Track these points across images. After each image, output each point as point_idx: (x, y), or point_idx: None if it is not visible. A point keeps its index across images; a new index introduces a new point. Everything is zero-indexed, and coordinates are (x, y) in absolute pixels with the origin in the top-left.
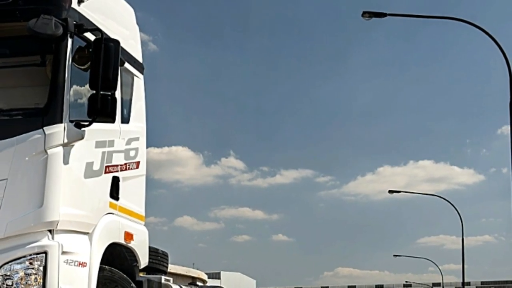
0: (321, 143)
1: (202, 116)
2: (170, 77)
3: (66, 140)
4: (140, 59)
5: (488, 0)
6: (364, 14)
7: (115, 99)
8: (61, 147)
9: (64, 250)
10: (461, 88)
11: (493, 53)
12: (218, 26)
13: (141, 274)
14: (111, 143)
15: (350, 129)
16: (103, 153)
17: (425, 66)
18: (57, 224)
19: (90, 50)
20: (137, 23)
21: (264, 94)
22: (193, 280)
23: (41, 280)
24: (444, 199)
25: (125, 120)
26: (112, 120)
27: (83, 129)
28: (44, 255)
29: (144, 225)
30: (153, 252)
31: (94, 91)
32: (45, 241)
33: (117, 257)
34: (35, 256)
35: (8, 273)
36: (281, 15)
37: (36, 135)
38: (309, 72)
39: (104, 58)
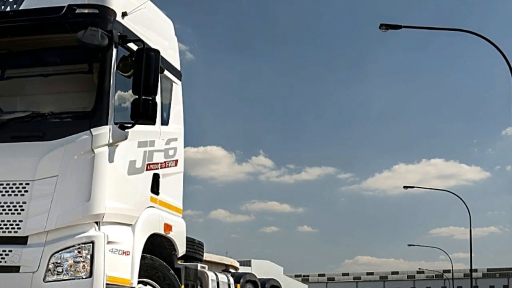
0: (342, 143)
1: (234, 119)
2: (206, 83)
3: (111, 141)
4: (178, 67)
5: (493, 13)
6: (381, 26)
7: (155, 103)
8: (106, 147)
9: (109, 240)
10: (468, 93)
11: (497, 61)
12: (249, 37)
13: (179, 262)
14: (152, 143)
15: (368, 130)
16: (145, 152)
17: (436, 73)
18: (103, 217)
19: (133, 59)
20: (176, 34)
21: (290, 98)
22: (226, 267)
23: (89, 268)
24: (454, 194)
25: (165, 122)
26: (153, 122)
27: (126, 130)
28: (91, 244)
29: (182, 217)
30: (190, 242)
31: (137, 96)
32: (92, 232)
33: (157, 246)
34: (83, 245)
35: (59, 261)
36: (306, 27)
37: (84, 136)
38: (331, 79)
39: (145, 66)
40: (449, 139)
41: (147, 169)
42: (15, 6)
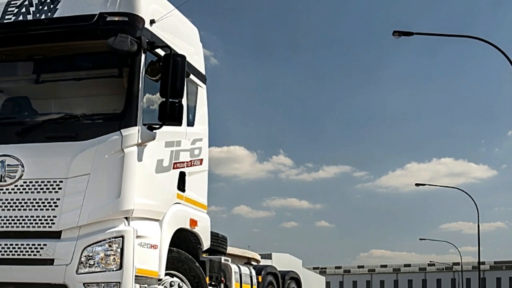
0: (358, 143)
1: (256, 120)
2: (229, 87)
3: (140, 141)
4: (203, 72)
5: (499, 20)
6: (394, 33)
7: (182, 106)
8: (135, 147)
9: (138, 234)
10: (476, 96)
11: (503, 66)
12: (270, 43)
13: (204, 255)
14: (179, 143)
15: (382, 131)
16: (172, 151)
17: (446, 77)
18: (132, 212)
19: (161, 64)
20: (201, 41)
21: (309, 101)
22: (248, 260)
23: (119, 260)
24: (463, 191)
25: (190, 123)
26: (179, 123)
27: (154, 131)
28: (121, 239)
29: (206, 213)
30: (214, 236)
31: (164, 99)
32: (122, 227)
33: (183, 240)
34: (113, 239)
35: (91, 254)
36: (324, 34)
37: (114, 136)
38: (347, 82)
39: (172, 70)
40: (458, 140)
41: (173, 168)
42: (49, 14)
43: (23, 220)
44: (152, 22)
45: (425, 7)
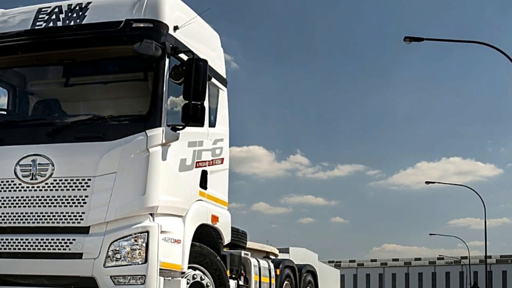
0: (371, 143)
1: (274, 121)
2: (249, 90)
3: (164, 141)
4: (224, 75)
5: (505, 27)
6: (406, 39)
7: (203, 108)
8: (160, 147)
9: (163, 230)
10: (483, 99)
11: (509, 70)
12: (287, 48)
13: (225, 249)
14: (201, 143)
15: (394, 132)
16: (194, 151)
17: (454, 81)
18: (157, 209)
19: (184, 68)
20: (222, 46)
21: (325, 103)
22: (266, 254)
23: (144, 254)
24: (470, 188)
25: (212, 124)
26: (201, 124)
27: (178, 132)
28: (146, 234)
29: (227, 209)
30: (234, 231)
31: (187, 101)
32: (147, 222)
33: (205, 235)
34: (139, 234)
35: (117, 248)
36: (338, 40)
37: (140, 136)
38: (361, 86)
39: (195, 74)
40: (466, 140)
41: (196, 166)
42: (78, 20)
43: (54, 216)
44: (175, 28)
45: (435, 14)
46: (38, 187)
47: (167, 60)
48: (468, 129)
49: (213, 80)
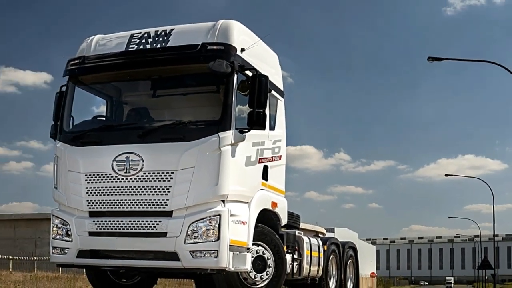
0: (400, 142)
1: (322, 125)
2: (301, 100)
3: (233, 141)
4: (281, 88)
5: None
6: (429, 58)
7: (265, 114)
8: (230, 146)
9: (232, 213)
10: (492, 107)
11: None
12: (331, 65)
13: (282, 229)
14: (263, 143)
15: (419, 133)
16: (257, 149)
17: (468, 92)
18: (227, 197)
19: (249, 82)
20: (279, 64)
21: (362, 109)
22: (316, 233)
23: (217, 233)
24: (482, 180)
25: (272, 128)
26: (263, 128)
27: (244, 134)
28: (219, 217)
29: (284, 197)
30: (290, 214)
31: (251, 109)
32: (219, 207)
33: (266, 218)
34: (213, 217)
35: (195, 229)
36: (373, 57)
37: (213, 138)
38: (392, 95)
39: (258, 87)
40: (478, 140)
41: (259, 162)
42: (163, 44)
43: (144, 202)
44: (242, 50)
45: (455, 35)
46: (131, 179)
47: (235, 76)
48: (479, 132)
49: (273, 92)
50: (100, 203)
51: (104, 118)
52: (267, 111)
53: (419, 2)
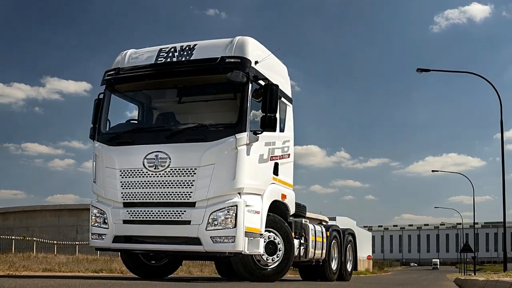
0: (394, 143)
1: (326, 127)
2: (308, 106)
3: (248, 142)
4: (290, 96)
5: (492, 60)
6: (418, 70)
7: (276, 118)
8: (245, 146)
9: (247, 204)
10: (473, 113)
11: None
12: (335, 74)
13: (290, 218)
14: (274, 143)
15: (412, 136)
16: (269, 149)
17: (454, 100)
18: (243, 190)
19: (262, 90)
20: (288, 74)
21: (362, 114)
22: (320, 221)
23: (234, 221)
24: (463, 175)
25: (282, 130)
26: (274, 130)
27: (257, 135)
28: (236, 207)
29: (292, 190)
30: (297, 205)
31: (264, 114)
32: (236, 199)
33: (277, 208)
34: (230, 207)
35: (215, 217)
36: (372, 68)
37: (231, 139)
38: (388, 102)
39: (269, 95)
40: (461, 141)
41: (270, 160)
42: (187, 57)
43: (170, 194)
44: (256, 62)
45: (443, 48)
46: (159, 174)
47: (250, 85)
48: (462, 133)
49: (283, 99)
50: (133, 195)
51: (136, 122)
52: (277, 115)
53: (412, 21)
